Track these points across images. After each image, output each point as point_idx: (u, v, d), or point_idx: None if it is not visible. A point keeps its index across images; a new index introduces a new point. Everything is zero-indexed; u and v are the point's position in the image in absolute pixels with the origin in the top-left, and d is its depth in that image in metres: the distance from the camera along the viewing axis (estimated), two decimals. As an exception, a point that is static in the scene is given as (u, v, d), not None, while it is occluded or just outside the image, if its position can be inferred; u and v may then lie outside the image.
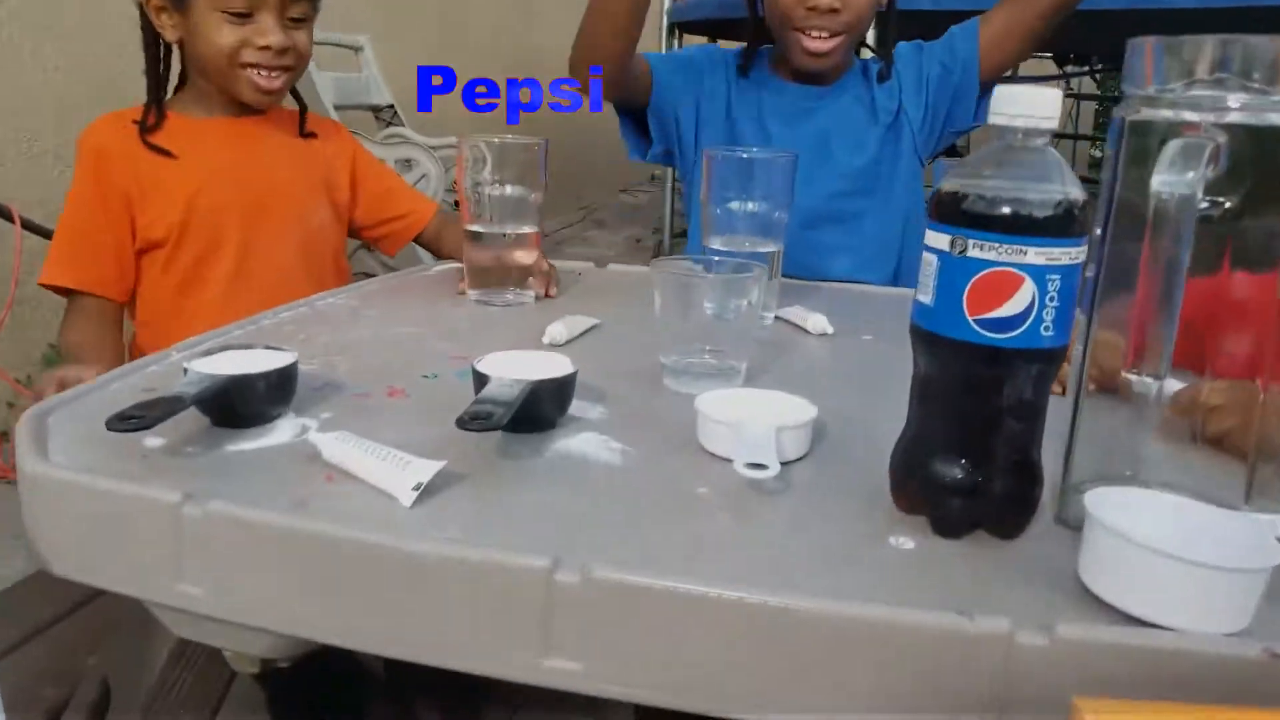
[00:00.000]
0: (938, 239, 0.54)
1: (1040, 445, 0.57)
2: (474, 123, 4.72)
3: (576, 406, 0.73)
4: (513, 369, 0.69)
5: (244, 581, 0.55)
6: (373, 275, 2.24)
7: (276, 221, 1.26)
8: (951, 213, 0.53)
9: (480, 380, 0.68)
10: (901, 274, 1.39)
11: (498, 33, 5.05)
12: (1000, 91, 0.53)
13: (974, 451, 0.55)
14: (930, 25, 1.40)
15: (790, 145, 1.34)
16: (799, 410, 0.68)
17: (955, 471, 0.55)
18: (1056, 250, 0.51)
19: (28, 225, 2.21)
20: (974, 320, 0.52)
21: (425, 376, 0.81)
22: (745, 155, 1.02)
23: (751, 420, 0.63)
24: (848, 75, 1.38)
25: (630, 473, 0.64)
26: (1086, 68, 7.58)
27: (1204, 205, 0.50)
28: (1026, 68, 7.21)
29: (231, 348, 0.72)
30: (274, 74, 1.21)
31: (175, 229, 1.20)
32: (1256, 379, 0.53)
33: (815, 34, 1.27)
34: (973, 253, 0.52)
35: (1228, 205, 0.50)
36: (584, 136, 6.50)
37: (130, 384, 0.76)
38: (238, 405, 0.67)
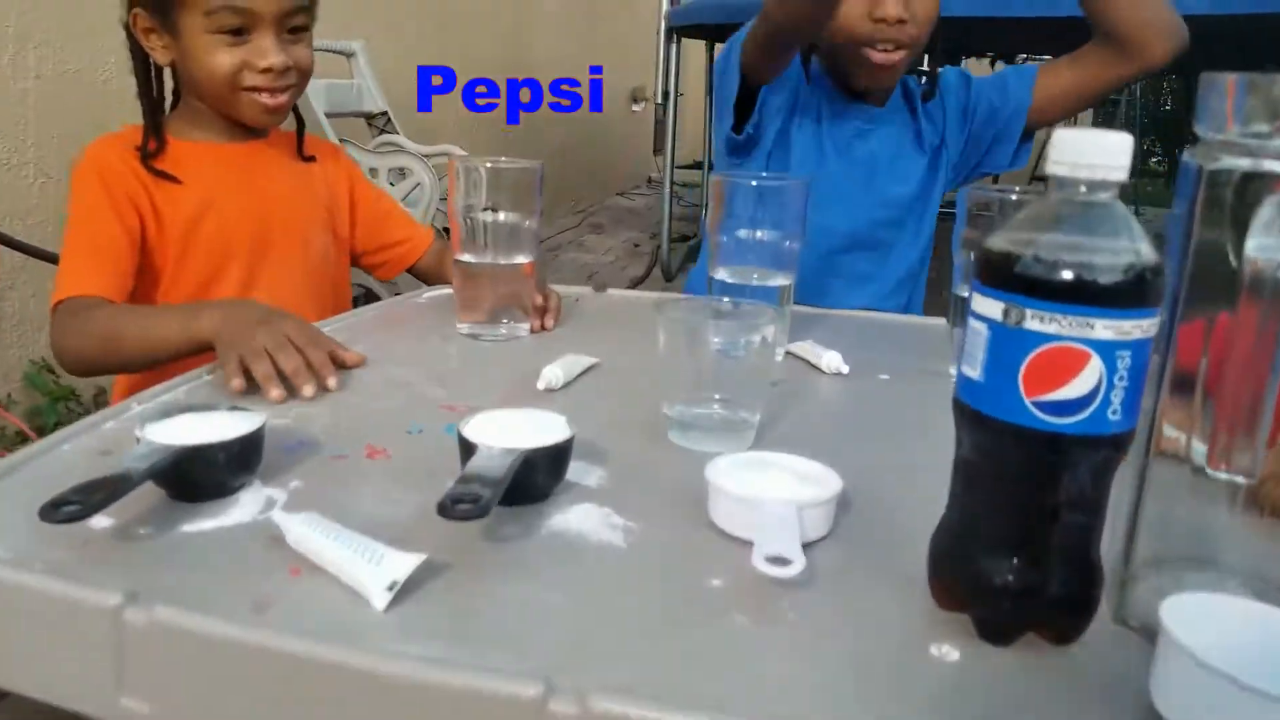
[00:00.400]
0: (988, 306, 0.47)
1: (1101, 539, 0.50)
2: (469, 128, 4.66)
3: (574, 470, 0.66)
4: (503, 432, 0.62)
5: (197, 698, 0.48)
6: (369, 289, 2.19)
7: (280, 252, 1.19)
8: (1005, 276, 0.46)
9: (466, 448, 0.61)
10: (911, 306, 1.34)
11: (494, 35, 4.98)
12: (1063, 137, 0.46)
13: (1027, 547, 0.48)
14: (964, 30, 1.34)
15: (842, 169, 1.30)
16: (822, 482, 0.61)
17: (1006, 570, 0.48)
18: (1128, 323, 0.44)
19: (5, 241, 2.15)
20: (1031, 402, 0.45)
21: (410, 432, 0.74)
22: (755, 182, 0.96)
23: (770, 500, 0.56)
24: (895, 98, 1.33)
25: (634, 558, 0.57)
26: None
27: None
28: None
29: (194, 408, 0.65)
30: (277, 94, 1.14)
31: (174, 257, 1.13)
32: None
33: (882, 47, 1.21)
34: (1031, 324, 0.45)
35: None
36: (579, 138, 6.44)
37: (83, 445, 0.69)
38: (195, 478, 0.60)
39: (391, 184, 2.89)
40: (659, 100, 3.95)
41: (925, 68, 1.36)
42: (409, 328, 1.08)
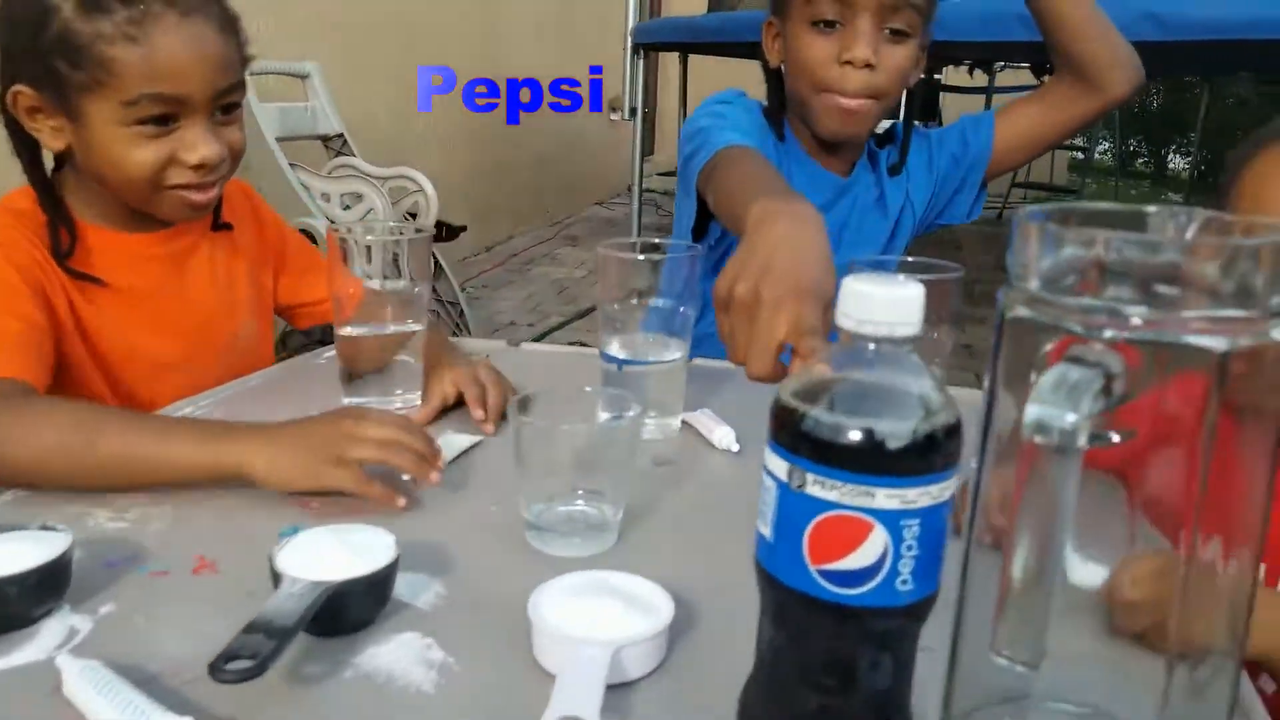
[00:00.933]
0: (776, 464, 0.43)
1: (908, 702, 0.47)
2: (426, 149, 4.61)
3: (408, 585, 0.63)
4: (321, 555, 0.59)
5: None
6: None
7: (210, 356, 1.08)
8: (790, 435, 0.43)
9: (275, 577, 0.58)
10: None
11: (464, 49, 4.94)
12: (850, 290, 0.42)
13: (825, 713, 0.45)
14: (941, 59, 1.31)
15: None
16: (653, 610, 0.57)
17: (804, 741, 0.45)
18: (913, 491, 0.41)
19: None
20: (816, 570, 0.42)
21: (243, 542, 0.70)
22: (642, 257, 0.92)
23: (579, 645, 0.53)
24: (860, 164, 1.29)
25: (437, 707, 0.53)
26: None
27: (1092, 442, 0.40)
28: (1004, 79, 7.17)
29: (4, 527, 0.62)
30: (207, 189, 0.98)
31: (97, 376, 1.00)
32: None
33: (851, 93, 1.16)
34: (813, 490, 0.42)
35: (1117, 440, 0.40)
36: (556, 147, 6.41)
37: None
38: (-15, 615, 0.56)
39: (346, 207, 2.86)
40: (626, 116, 3.92)
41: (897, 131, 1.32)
42: (299, 395, 1.05)
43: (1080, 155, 8.76)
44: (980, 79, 6.96)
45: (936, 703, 0.48)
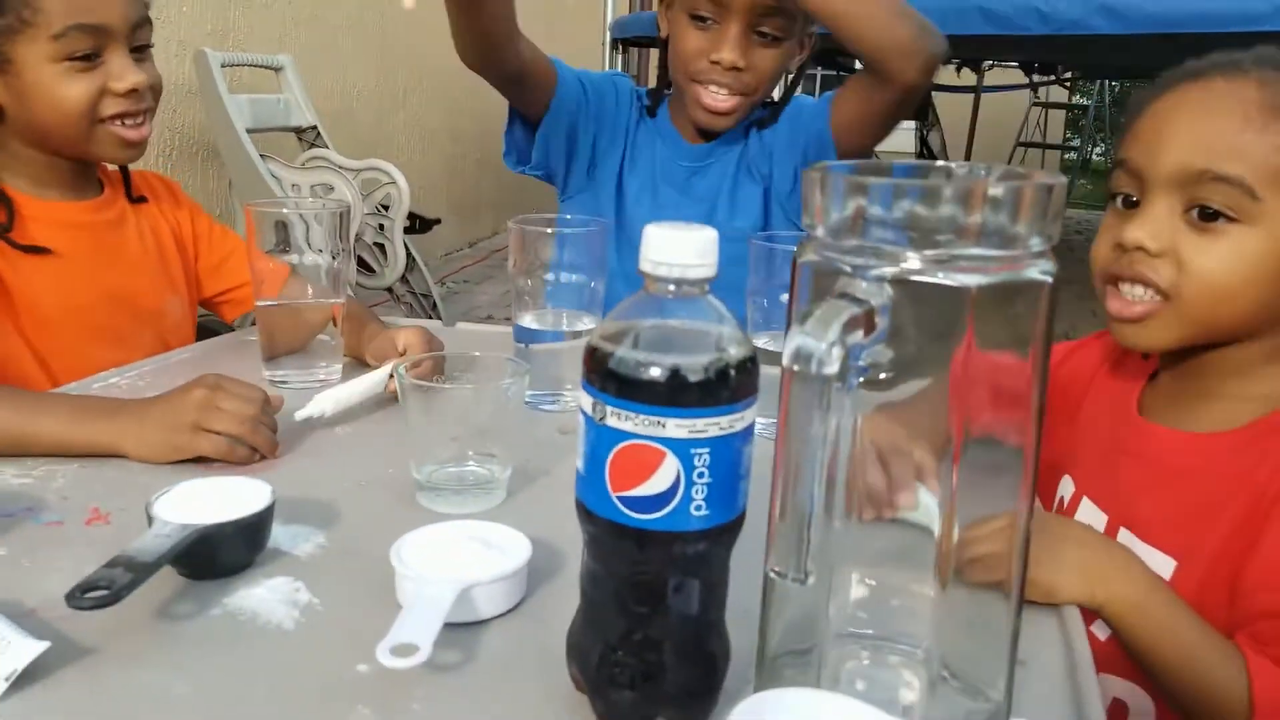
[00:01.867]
0: (585, 401, 0.46)
1: (722, 627, 0.50)
2: (408, 143, 4.62)
3: (288, 536, 0.66)
4: (198, 502, 0.62)
5: None
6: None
7: (136, 326, 1.12)
8: (596, 372, 0.45)
9: (149, 521, 0.60)
10: None
11: (439, 54, 4.95)
12: (649, 235, 0.45)
13: (637, 639, 0.48)
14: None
15: (677, 210, 1.27)
16: (509, 553, 0.60)
17: (615, 663, 0.48)
18: (702, 421, 0.44)
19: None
20: (617, 497, 0.45)
21: (138, 496, 0.73)
22: (551, 230, 0.95)
23: (431, 580, 0.56)
24: (729, 133, 1.30)
25: (294, 641, 0.56)
26: (1053, 77, 7.57)
27: (862, 374, 0.43)
28: (994, 77, 7.19)
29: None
30: (140, 122, 1.05)
31: (23, 339, 1.02)
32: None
33: (716, 90, 1.19)
34: (611, 421, 0.45)
35: (883, 376, 0.43)
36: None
37: None
38: None
39: (315, 196, 2.88)
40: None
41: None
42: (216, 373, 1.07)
43: (1073, 155, 8.82)
44: (969, 77, 7.00)
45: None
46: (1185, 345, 0.75)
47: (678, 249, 0.45)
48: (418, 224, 3.17)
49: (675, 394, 0.43)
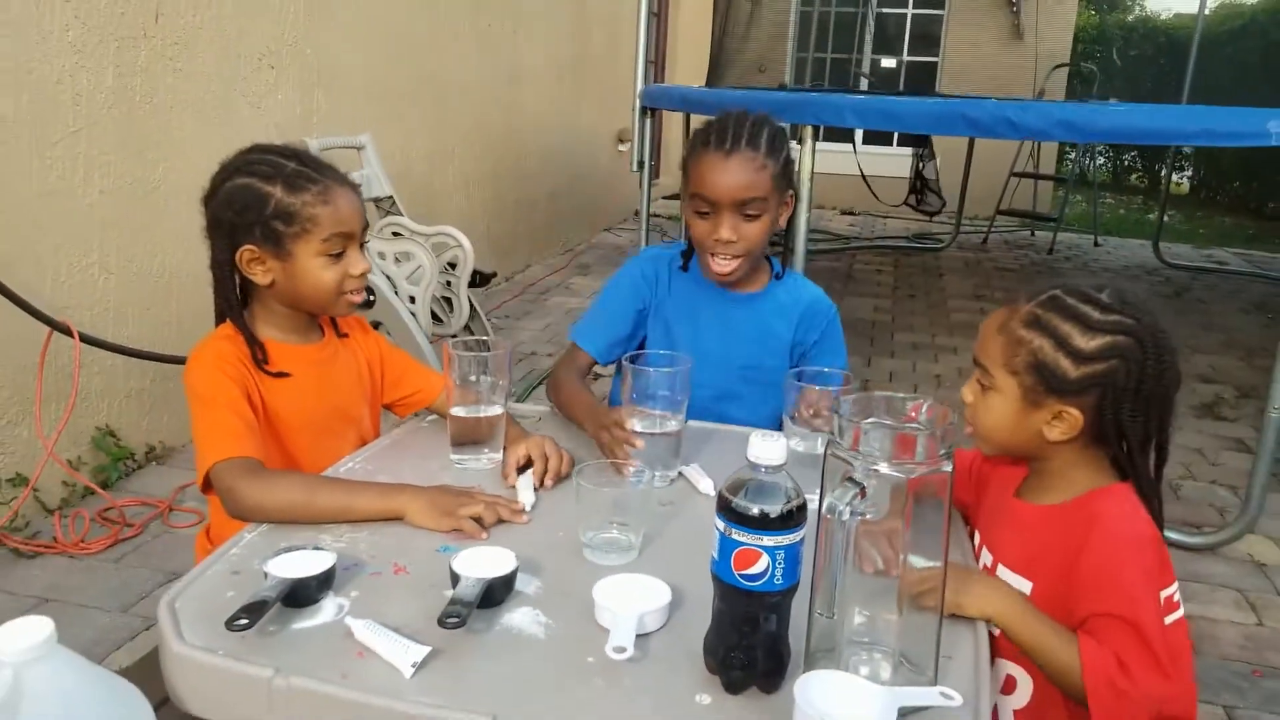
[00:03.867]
0: (719, 523, 0.92)
1: (786, 638, 0.95)
2: (456, 191, 5.08)
3: (521, 580, 1.11)
4: (476, 564, 1.07)
5: (311, 723, 0.93)
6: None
7: (339, 429, 1.56)
8: (724, 509, 0.91)
9: (454, 577, 1.06)
10: None
11: (488, 99, 5.42)
12: (752, 439, 0.91)
13: (744, 644, 0.93)
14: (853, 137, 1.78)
15: (717, 335, 1.75)
16: (658, 596, 1.06)
17: (733, 657, 0.93)
18: (782, 536, 0.89)
19: (86, 339, 2.59)
20: (737, 574, 0.90)
21: (438, 551, 1.18)
22: (653, 370, 1.41)
23: (621, 611, 1.01)
24: (770, 284, 1.79)
25: (545, 644, 1.02)
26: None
27: (858, 515, 0.88)
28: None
29: (295, 547, 1.10)
30: (362, 291, 1.50)
31: (269, 440, 1.43)
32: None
33: (720, 259, 1.67)
34: (735, 535, 0.90)
35: (867, 516, 0.88)
36: (567, 180, 6.92)
37: (219, 570, 1.14)
38: (299, 598, 1.04)
39: (397, 262, 3.34)
40: (634, 168, 4.41)
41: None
42: (414, 453, 1.53)
43: (1070, 169, 9.14)
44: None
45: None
46: (995, 456, 1.27)
47: (766, 452, 0.90)
48: (478, 279, 3.63)
49: (766, 523, 0.89)
